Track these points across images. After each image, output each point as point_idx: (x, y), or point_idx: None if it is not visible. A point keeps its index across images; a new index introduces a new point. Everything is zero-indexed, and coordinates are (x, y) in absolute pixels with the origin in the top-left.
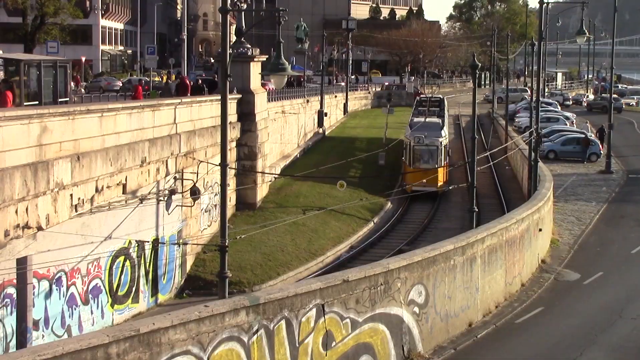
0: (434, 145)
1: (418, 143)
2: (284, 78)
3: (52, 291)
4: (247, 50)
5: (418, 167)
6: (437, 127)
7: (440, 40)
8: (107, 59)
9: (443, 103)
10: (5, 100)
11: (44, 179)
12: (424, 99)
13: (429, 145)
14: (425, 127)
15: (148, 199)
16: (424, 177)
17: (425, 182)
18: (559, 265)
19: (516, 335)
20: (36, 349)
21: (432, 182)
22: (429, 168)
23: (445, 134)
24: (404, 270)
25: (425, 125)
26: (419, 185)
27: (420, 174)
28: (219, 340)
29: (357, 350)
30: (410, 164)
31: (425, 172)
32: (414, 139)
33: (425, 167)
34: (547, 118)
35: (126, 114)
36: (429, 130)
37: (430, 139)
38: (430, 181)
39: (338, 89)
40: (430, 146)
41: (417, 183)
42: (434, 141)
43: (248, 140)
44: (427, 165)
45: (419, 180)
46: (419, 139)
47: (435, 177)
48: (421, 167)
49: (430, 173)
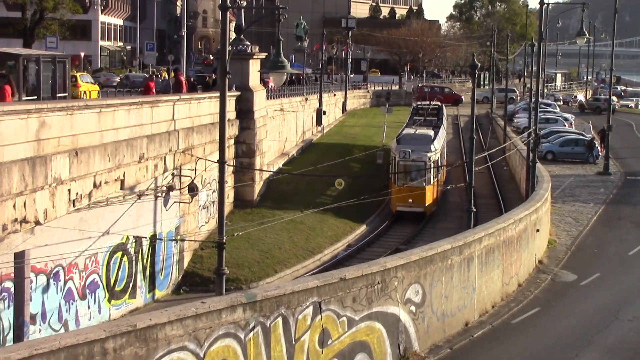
0: (421, 160)
1: (403, 158)
2: (283, 76)
3: (50, 286)
4: (246, 48)
5: (403, 185)
6: (427, 140)
7: (440, 39)
8: (106, 55)
9: (441, 111)
10: (4, 95)
11: (42, 173)
12: (422, 106)
13: (416, 160)
14: (413, 141)
15: (146, 195)
16: (410, 196)
17: (412, 201)
18: (556, 266)
19: (512, 336)
20: (33, 343)
21: (419, 202)
22: (415, 186)
23: (437, 148)
24: (401, 269)
25: (414, 138)
26: (405, 205)
27: (406, 193)
28: (216, 336)
29: (353, 348)
30: (395, 182)
31: (412, 190)
32: (399, 154)
33: (411, 185)
34: (546, 119)
35: (125, 110)
36: (418, 143)
37: (417, 154)
38: (417, 201)
39: (337, 87)
40: (417, 162)
41: (401, 203)
42: (421, 156)
43: (246, 137)
44: (414, 183)
45: (405, 200)
46: (405, 154)
47: (422, 196)
48: (407, 185)
49: (417, 192)
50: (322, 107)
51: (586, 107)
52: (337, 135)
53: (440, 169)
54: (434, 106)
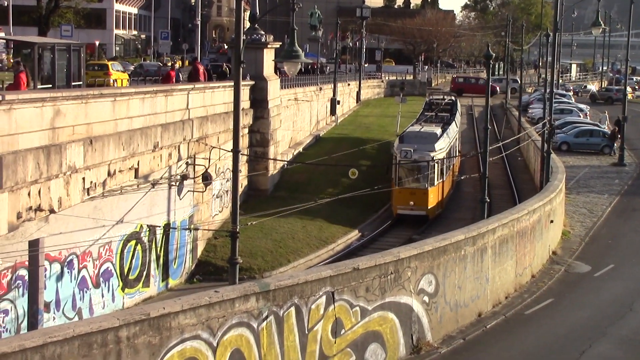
0: (423, 160)
1: (405, 158)
2: (298, 65)
3: (64, 274)
4: (260, 37)
5: (405, 186)
6: (432, 138)
7: (454, 29)
8: (120, 44)
9: (455, 106)
10: (19, 83)
11: (57, 162)
12: (435, 101)
13: (418, 160)
14: (417, 139)
15: (160, 183)
16: (412, 198)
17: (413, 204)
18: (569, 257)
19: (525, 326)
20: (47, 330)
21: (421, 205)
22: (417, 188)
23: (443, 147)
24: (415, 259)
25: (418, 136)
26: (406, 208)
27: (408, 194)
28: (229, 325)
29: (366, 338)
30: (396, 183)
31: (414, 192)
32: (400, 153)
33: (413, 186)
34: (561, 110)
35: (139, 99)
36: (421, 142)
37: (420, 153)
38: (418, 203)
39: (351, 77)
40: (419, 162)
41: (402, 206)
42: (424, 156)
43: (260, 127)
44: (416, 185)
45: (406, 202)
46: (406, 153)
47: (425, 198)
48: (408, 186)
49: (420, 194)
50: (336, 96)
51: (598, 98)
52: (351, 125)
53: (447, 169)
54: (448, 101)
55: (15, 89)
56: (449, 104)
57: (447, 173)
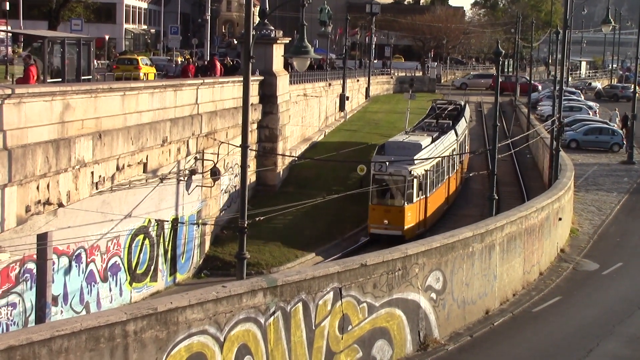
0: (399, 175)
1: (379, 171)
2: (307, 60)
3: (72, 267)
4: (270, 32)
5: (379, 203)
6: (414, 149)
7: (464, 26)
8: (130, 38)
9: (462, 114)
10: (29, 76)
11: (66, 156)
12: (441, 105)
13: (394, 175)
14: (397, 150)
15: (168, 178)
16: (386, 216)
17: (387, 223)
18: (578, 255)
19: (533, 324)
20: (55, 324)
21: (396, 224)
22: (393, 205)
23: (427, 159)
24: (422, 255)
25: (399, 147)
26: (379, 227)
27: (382, 212)
28: (236, 321)
29: (373, 334)
30: (370, 199)
31: (388, 210)
32: (375, 166)
33: (387, 203)
34: (570, 107)
35: (148, 93)
36: (400, 154)
37: (396, 167)
38: (393, 222)
39: (360, 73)
40: (395, 176)
41: (376, 225)
42: (400, 170)
43: (269, 122)
44: (391, 202)
45: (380, 221)
46: (381, 166)
47: (400, 217)
48: (382, 203)
49: (395, 212)
50: (346, 92)
51: (603, 95)
52: (360, 121)
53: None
54: (455, 106)
55: (25, 82)
56: (456, 110)
57: (436, 187)
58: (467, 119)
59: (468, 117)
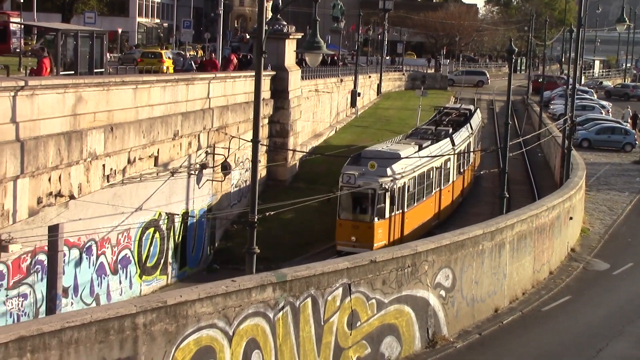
0: (369, 188)
1: (347, 183)
2: (319, 56)
3: (82, 259)
4: (282, 28)
5: (347, 218)
6: (390, 159)
7: (477, 23)
8: (143, 32)
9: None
10: (42, 69)
11: (78, 148)
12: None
13: (362, 187)
14: (373, 160)
15: (179, 172)
16: (354, 233)
17: (355, 240)
18: (588, 255)
19: (542, 323)
20: (65, 315)
21: (365, 241)
22: (361, 221)
23: (401, 170)
24: (432, 253)
25: (376, 156)
26: (347, 244)
27: (350, 228)
28: (245, 315)
29: (381, 331)
30: (338, 214)
31: (357, 226)
32: (343, 178)
33: (356, 218)
34: (583, 106)
35: (160, 87)
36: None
37: (365, 179)
38: (361, 239)
39: (372, 69)
40: (364, 189)
41: (344, 241)
42: (370, 182)
43: (280, 117)
44: (360, 217)
45: (347, 237)
46: (349, 178)
47: (369, 234)
48: (350, 218)
49: (363, 228)
50: (357, 88)
51: (613, 94)
52: (372, 117)
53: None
54: (464, 111)
55: (37, 74)
56: (464, 115)
57: (419, 200)
58: (476, 125)
59: (477, 123)
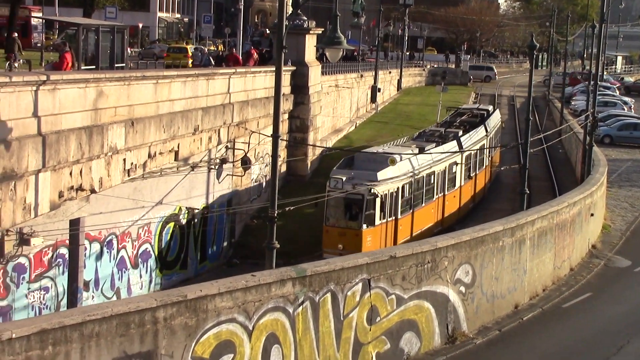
0: (358, 194)
1: (335, 188)
2: (339, 51)
3: (103, 253)
4: (303, 23)
5: (334, 224)
6: (382, 163)
7: (498, 19)
8: (163, 26)
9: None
10: (64, 63)
11: (99, 142)
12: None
13: (351, 193)
14: (365, 164)
15: (199, 166)
16: (341, 240)
17: (342, 248)
18: (609, 251)
19: (562, 320)
20: (86, 309)
21: (353, 249)
22: (348, 228)
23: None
24: (452, 249)
25: (369, 160)
26: (333, 252)
27: (336, 235)
28: (265, 309)
29: (401, 326)
30: (325, 220)
31: (343, 233)
32: (330, 182)
33: (343, 225)
34: (605, 102)
35: (181, 82)
36: (367, 168)
37: (353, 182)
38: (349, 247)
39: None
40: (353, 195)
41: (330, 249)
42: (358, 187)
43: (300, 112)
44: (347, 223)
45: (334, 245)
46: (337, 182)
47: (357, 242)
48: (337, 225)
49: (351, 235)
50: (377, 84)
51: (632, 89)
52: (392, 112)
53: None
54: (480, 112)
55: (59, 69)
56: (478, 116)
57: (416, 207)
58: (492, 126)
59: (494, 124)
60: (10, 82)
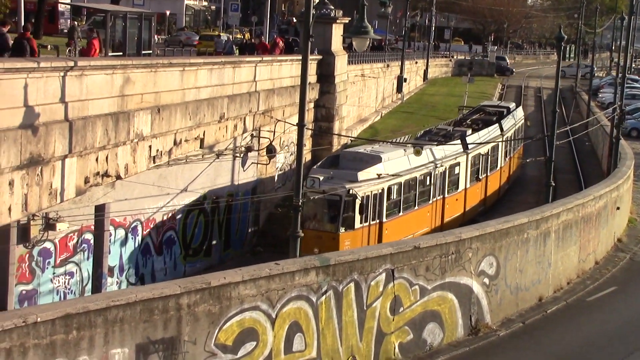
0: (336, 195)
1: (311, 188)
2: (366, 41)
3: (128, 239)
4: (330, 12)
5: (310, 227)
6: (367, 162)
7: (526, 10)
8: (190, 14)
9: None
10: (92, 49)
11: (125, 129)
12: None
13: (329, 194)
14: (350, 162)
15: (224, 154)
16: (318, 244)
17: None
18: (635, 245)
19: (587, 313)
20: (110, 294)
21: None
22: (326, 231)
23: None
24: (476, 240)
25: (354, 159)
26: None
27: (313, 238)
28: (288, 298)
29: (424, 317)
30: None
31: (320, 236)
32: (307, 181)
33: (320, 228)
34: (632, 95)
35: (207, 70)
36: (347, 167)
37: (331, 183)
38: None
39: (419, 55)
40: (328, 195)
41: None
42: (337, 188)
43: (326, 102)
44: (324, 226)
45: (310, 249)
46: (314, 182)
47: (334, 246)
48: (314, 227)
49: (328, 239)
50: (403, 74)
51: None
52: (417, 103)
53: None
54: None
55: (87, 55)
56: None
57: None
58: (510, 125)
59: (513, 123)
60: (38, 68)
